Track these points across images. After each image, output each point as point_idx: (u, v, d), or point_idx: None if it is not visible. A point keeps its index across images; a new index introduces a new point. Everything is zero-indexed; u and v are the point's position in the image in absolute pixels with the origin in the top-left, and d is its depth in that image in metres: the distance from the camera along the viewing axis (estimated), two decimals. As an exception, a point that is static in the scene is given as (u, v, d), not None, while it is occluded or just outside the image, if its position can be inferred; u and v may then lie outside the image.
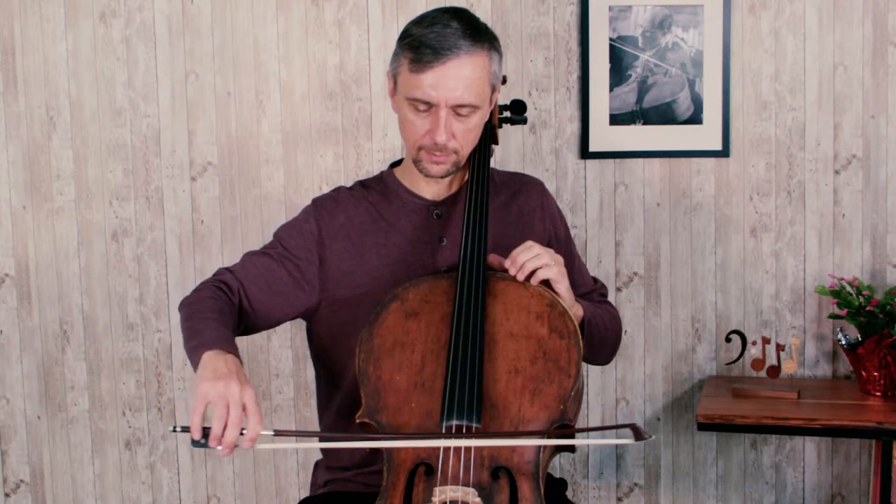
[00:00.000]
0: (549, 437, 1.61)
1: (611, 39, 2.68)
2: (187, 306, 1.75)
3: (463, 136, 1.75)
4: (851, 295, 2.52)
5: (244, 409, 1.52)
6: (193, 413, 1.52)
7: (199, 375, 1.57)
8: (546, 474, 1.68)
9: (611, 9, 2.66)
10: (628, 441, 1.54)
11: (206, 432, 1.51)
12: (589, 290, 1.98)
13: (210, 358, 1.59)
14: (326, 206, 1.88)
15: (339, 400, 1.88)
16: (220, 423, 1.50)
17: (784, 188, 2.70)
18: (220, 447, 1.51)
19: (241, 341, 2.79)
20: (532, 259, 1.69)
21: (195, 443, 1.52)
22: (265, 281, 1.82)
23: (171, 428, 1.55)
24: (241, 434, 1.51)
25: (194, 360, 1.63)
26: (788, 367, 2.53)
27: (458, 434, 1.58)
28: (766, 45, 2.67)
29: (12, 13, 2.77)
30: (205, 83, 2.76)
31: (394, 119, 2.61)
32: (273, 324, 1.87)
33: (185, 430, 1.52)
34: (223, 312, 1.73)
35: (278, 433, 1.59)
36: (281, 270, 1.82)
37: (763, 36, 2.67)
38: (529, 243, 1.71)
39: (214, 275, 1.83)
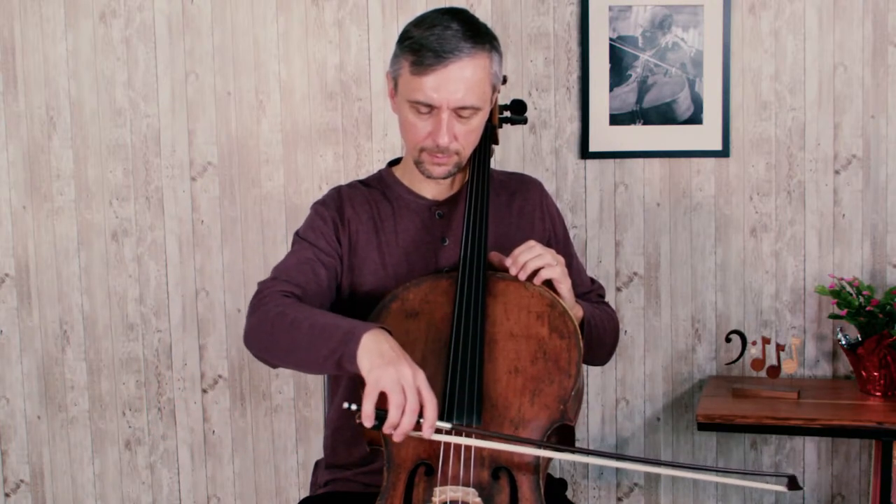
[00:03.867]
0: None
1: (611, 39, 2.68)
2: (277, 317, 1.63)
3: (465, 137, 1.75)
4: (851, 295, 2.52)
5: (419, 393, 1.48)
6: (366, 399, 1.46)
7: (366, 361, 1.50)
8: (546, 474, 1.67)
9: (611, 9, 2.66)
10: (779, 488, 1.53)
11: (379, 415, 1.47)
12: (587, 290, 1.98)
13: (372, 340, 1.52)
14: (335, 204, 1.88)
15: (343, 388, 1.88)
16: (398, 410, 1.46)
17: (784, 188, 2.70)
18: (394, 432, 1.48)
19: (240, 341, 2.80)
20: (534, 259, 1.68)
21: (368, 428, 1.49)
22: (316, 286, 1.76)
23: (345, 405, 1.49)
24: (419, 422, 1.48)
25: (348, 351, 1.52)
26: (788, 367, 2.53)
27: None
28: (766, 45, 2.67)
29: (12, 13, 2.77)
30: (205, 83, 2.76)
31: (394, 119, 2.61)
32: None
33: (360, 409, 1.48)
34: (324, 311, 1.66)
35: (456, 430, 1.53)
36: (322, 270, 1.79)
37: (763, 36, 2.67)
38: (531, 243, 1.71)
39: (271, 289, 1.71)
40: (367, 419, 1.47)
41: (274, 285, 1.72)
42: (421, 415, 1.49)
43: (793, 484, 1.51)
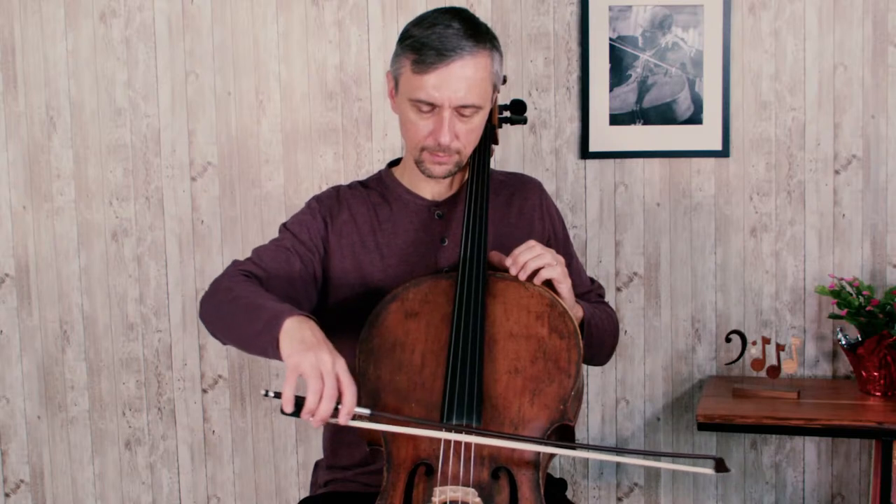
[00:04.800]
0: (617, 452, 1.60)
1: (611, 39, 2.68)
2: (224, 291, 1.68)
3: (466, 136, 1.75)
4: (851, 295, 2.52)
5: (338, 380, 1.48)
6: (286, 385, 1.47)
7: (286, 346, 1.50)
8: (546, 474, 1.67)
9: (611, 9, 2.66)
10: (707, 471, 1.53)
11: (298, 402, 1.47)
12: (587, 290, 1.98)
13: (294, 326, 1.52)
14: (329, 203, 1.88)
15: None
16: (315, 396, 1.46)
17: (784, 188, 2.70)
18: (312, 419, 1.47)
19: (241, 341, 2.80)
20: (534, 259, 1.68)
21: (286, 412, 1.48)
22: (285, 273, 1.79)
23: (263, 392, 1.50)
24: (337, 408, 1.48)
25: (271, 334, 1.53)
26: (788, 367, 2.53)
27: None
28: (766, 45, 2.67)
29: (12, 13, 2.77)
30: (205, 83, 2.77)
31: (394, 119, 2.61)
32: None
33: (278, 395, 1.48)
34: (270, 293, 1.67)
35: (375, 415, 1.53)
36: (297, 262, 1.80)
37: (763, 36, 2.67)
38: (531, 243, 1.71)
39: (236, 266, 1.78)
40: (287, 404, 1.47)
41: (241, 264, 1.76)
42: (340, 402, 1.48)
43: (720, 466, 1.51)
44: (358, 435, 1.69)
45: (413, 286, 1.71)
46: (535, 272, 1.69)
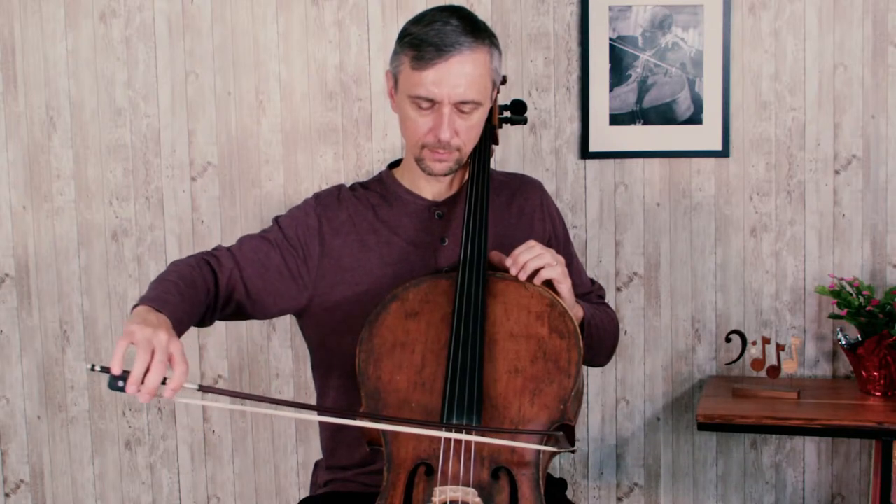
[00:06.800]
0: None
1: (611, 39, 2.68)
2: (167, 267, 1.73)
3: (466, 132, 1.75)
4: (851, 295, 2.52)
5: (170, 359, 1.45)
6: (115, 352, 1.44)
7: (130, 320, 1.51)
8: (546, 474, 1.67)
9: (611, 9, 2.66)
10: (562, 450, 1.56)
11: (126, 375, 1.43)
12: (587, 291, 1.98)
13: (143, 310, 1.54)
14: (328, 202, 1.88)
15: (335, 390, 1.88)
16: (143, 365, 1.42)
17: (784, 188, 2.70)
18: (139, 393, 1.43)
19: (240, 341, 2.81)
20: (534, 259, 1.68)
21: (112, 383, 1.43)
22: (261, 265, 1.80)
23: (88, 366, 1.45)
24: (164, 384, 1.44)
25: (131, 309, 1.59)
26: (788, 367, 2.53)
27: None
28: (766, 45, 2.67)
29: (12, 13, 2.77)
30: (205, 83, 2.77)
31: (394, 119, 2.61)
32: (263, 312, 1.83)
33: (105, 370, 1.44)
34: (193, 284, 1.69)
35: (203, 388, 1.49)
36: (277, 257, 1.81)
37: (763, 36, 2.67)
38: (531, 243, 1.71)
39: (212, 249, 1.81)
40: (116, 365, 1.42)
41: (216, 250, 1.81)
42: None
43: (566, 430, 1.55)
44: (360, 434, 1.70)
45: (413, 286, 1.71)
46: (536, 272, 1.69)
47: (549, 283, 1.71)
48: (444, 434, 1.57)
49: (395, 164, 1.94)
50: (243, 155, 2.78)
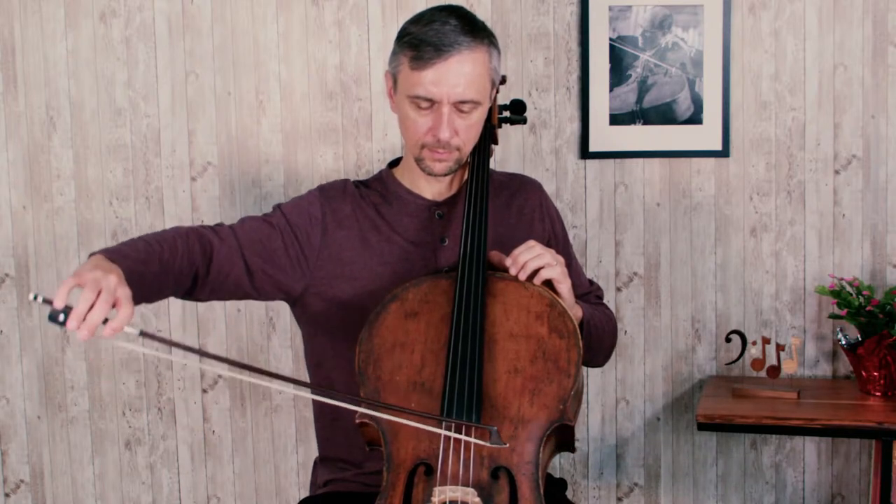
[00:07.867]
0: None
1: (611, 39, 2.68)
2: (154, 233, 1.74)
3: (465, 132, 1.76)
4: (851, 295, 2.52)
5: (116, 301, 1.44)
6: (60, 288, 1.42)
7: (82, 264, 1.51)
8: (546, 474, 1.68)
9: (611, 9, 2.66)
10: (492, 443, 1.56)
11: (68, 310, 1.41)
12: (585, 291, 1.98)
13: (98, 258, 1.54)
14: (333, 194, 1.88)
15: (326, 382, 1.88)
16: (87, 303, 1.41)
17: (784, 188, 2.70)
18: (79, 329, 1.41)
19: (240, 341, 2.80)
20: (534, 259, 1.69)
21: (52, 317, 1.41)
22: (262, 244, 1.80)
23: (31, 296, 1.42)
24: (105, 323, 1.42)
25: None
26: (788, 367, 2.53)
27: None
28: (766, 45, 2.67)
29: (12, 13, 2.77)
30: (205, 83, 2.77)
31: (394, 119, 2.61)
32: (260, 291, 1.83)
33: (48, 301, 1.41)
34: (173, 249, 1.68)
35: (145, 334, 1.47)
36: (278, 240, 1.81)
37: (763, 36, 2.67)
38: (531, 243, 1.71)
39: (203, 226, 1.81)
40: (59, 300, 1.40)
41: (218, 226, 1.81)
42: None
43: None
44: (359, 434, 1.69)
45: (413, 286, 1.71)
46: (535, 272, 1.69)
47: (548, 283, 1.71)
48: (443, 433, 1.57)
49: (395, 162, 1.94)
50: (243, 155, 2.78)
